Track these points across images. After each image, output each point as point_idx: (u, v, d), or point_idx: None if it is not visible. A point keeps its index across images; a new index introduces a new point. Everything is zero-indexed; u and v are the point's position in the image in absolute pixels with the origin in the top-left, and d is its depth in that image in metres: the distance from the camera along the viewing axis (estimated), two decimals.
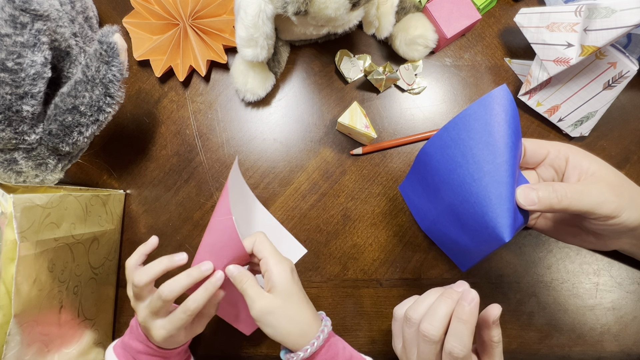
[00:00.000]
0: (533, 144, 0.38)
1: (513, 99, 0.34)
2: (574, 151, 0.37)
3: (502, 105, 0.34)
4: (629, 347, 0.51)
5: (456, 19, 0.51)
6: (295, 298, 0.37)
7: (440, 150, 0.38)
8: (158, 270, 0.38)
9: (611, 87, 0.48)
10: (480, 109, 0.34)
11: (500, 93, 0.34)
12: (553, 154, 0.37)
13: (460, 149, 0.36)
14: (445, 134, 0.37)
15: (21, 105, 0.38)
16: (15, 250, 0.34)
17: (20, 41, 0.36)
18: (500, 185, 0.34)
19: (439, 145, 0.38)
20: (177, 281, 0.37)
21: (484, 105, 0.34)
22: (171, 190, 0.54)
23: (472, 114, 0.35)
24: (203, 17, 0.52)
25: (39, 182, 0.44)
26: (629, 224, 0.34)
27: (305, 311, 0.37)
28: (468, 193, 0.36)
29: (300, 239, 0.53)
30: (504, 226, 0.34)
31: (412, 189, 0.47)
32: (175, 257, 0.39)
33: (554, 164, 0.38)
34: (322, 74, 0.56)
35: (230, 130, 0.55)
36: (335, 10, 0.39)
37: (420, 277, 0.53)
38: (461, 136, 0.36)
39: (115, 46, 0.39)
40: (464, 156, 0.35)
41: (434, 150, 0.39)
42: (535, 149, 0.38)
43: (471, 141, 0.35)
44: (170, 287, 0.37)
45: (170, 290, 0.37)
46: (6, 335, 0.34)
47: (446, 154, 0.37)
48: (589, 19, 0.42)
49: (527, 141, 0.38)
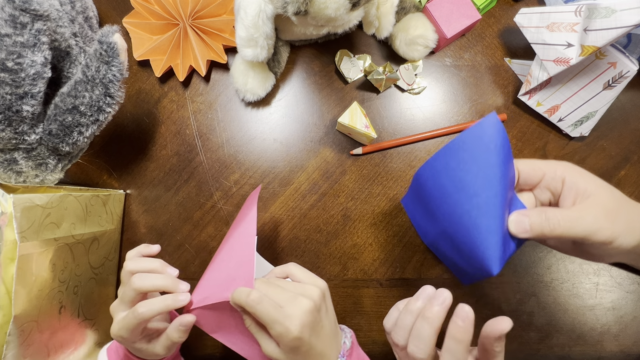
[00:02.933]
0: (528, 167, 0.37)
1: (502, 126, 0.33)
2: (570, 171, 0.35)
3: (490, 135, 0.33)
4: (629, 347, 0.51)
5: (456, 19, 0.51)
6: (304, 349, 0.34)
7: (433, 177, 0.37)
8: (150, 265, 0.38)
9: (611, 87, 0.48)
10: (469, 138, 0.34)
11: (488, 122, 0.33)
12: (549, 175, 0.36)
13: (451, 178, 0.35)
14: (436, 162, 0.37)
15: (21, 105, 0.38)
16: (15, 250, 0.34)
17: (20, 41, 0.36)
18: (490, 219, 0.33)
19: (430, 173, 0.37)
20: (151, 277, 0.36)
21: (473, 135, 0.34)
22: (171, 190, 0.55)
23: (460, 144, 0.35)
24: (203, 17, 0.52)
25: (39, 182, 0.44)
26: (625, 247, 0.33)
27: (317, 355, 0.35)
28: (459, 223, 0.36)
29: (300, 239, 0.53)
30: (492, 259, 0.34)
31: (413, 205, 0.46)
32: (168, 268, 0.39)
33: (550, 186, 0.36)
34: (322, 74, 0.56)
35: (230, 130, 0.55)
36: (335, 10, 0.39)
37: (420, 277, 0.53)
38: (451, 165, 0.35)
39: (115, 46, 0.39)
40: (455, 186, 0.35)
41: (427, 177, 0.38)
42: (530, 172, 0.37)
43: (460, 172, 0.35)
44: (141, 279, 0.36)
45: (140, 281, 0.36)
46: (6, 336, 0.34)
47: (438, 182, 0.37)
48: (589, 19, 0.42)
49: (522, 163, 0.37)
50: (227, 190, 0.54)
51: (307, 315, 0.33)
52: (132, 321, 0.35)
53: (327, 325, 0.36)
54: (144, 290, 0.36)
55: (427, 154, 0.54)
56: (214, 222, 0.54)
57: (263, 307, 0.33)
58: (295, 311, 0.33)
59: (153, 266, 0.38)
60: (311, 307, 0.34)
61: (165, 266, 0.39)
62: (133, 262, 0.38)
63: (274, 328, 0.32)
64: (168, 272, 0.38)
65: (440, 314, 0.32)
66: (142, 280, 0.36)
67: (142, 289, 0.36)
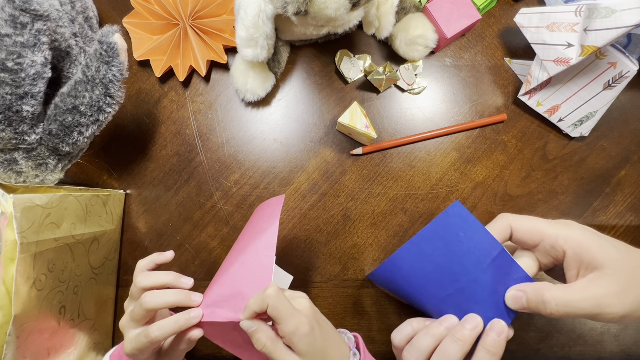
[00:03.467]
0: (524, 228, 0.34)
1: (467, 213, 0.34)
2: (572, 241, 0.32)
3: (457, 224, 0.35)
4: (629, 347, 0.51)
5: (456, 19, 0.51)
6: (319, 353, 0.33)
7: (410, 260, 0.37)
8: (163, 280, 0.37)
9: (611, 87, 0.48)
10: (438, 227, 0.35)
11: (453, 212, 0.35)
12: (547, 242, 0.33)
13: (429, 263, 0.36)
14: (413, 246, 0.36)
15: (21, 105, 0.38)
16: (15, 250, 0.34)
17: (20, 41, 0.36)
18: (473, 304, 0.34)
19: (407, 256, 0.37)
20: (162, 294, 0.35)
21: (441, 224, 0.35)
22: (171, 190, 0.55)
23: (432, 232, 0.35)
24: (203, 17, 0.52)
25: (39, 182, 0.44)
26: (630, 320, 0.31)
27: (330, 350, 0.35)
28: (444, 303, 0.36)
29: (300, 239, 0.53)
30: None
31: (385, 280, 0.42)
32: (182, 279, 0.38)
33: (549, 253, 0.34)
34: (322, 74, 0.56)
35: (230, 130, 0.55)
36: (335, 10, 0.39)
37: None
38: (426, 252, 0.36)
39: (115, 46, 0.39)
40: (434, 270, 0.36)
41: (403, 261, 0.38)
42: (526, 234, 0.34)
43: (437, 258, 0.35)
44: (152, 297, 0.35)
45: (151, 299, 0.35)
46: (6, 336, 0.34)
47: (415, 265, 0.37)
48: (589, 19, 0.42)
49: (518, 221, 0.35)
50: (227, 190, 0.54)
51: (310, 310, 0.34)
52: (145, 343, 0.34)
53: (327, 322, 0.37)
54: (156, 309, 0.35)
55: (427, 154, 0.54)
56: (214, 222, 0.54)
57: (282, 299, 0.32)
58: (300, 306, 0.34)
59: (166, 280, 0.37)
60: (309, 303, 0.35)
61: (179, 277, 0.38)
62: (144, 278, 0.37)
63: (290, 321, 0.32)
64: (182, 283, 0.37)
65: (472, 338, 0.32)
66: (153, 298, 0.35)
67: (154, 308, 0.35)
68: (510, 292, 0.34)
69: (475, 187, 0.54)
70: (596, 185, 0.54)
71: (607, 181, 0.54)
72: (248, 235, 0.41)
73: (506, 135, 0.54)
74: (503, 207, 0.54)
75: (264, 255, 0.36)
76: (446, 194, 0.54)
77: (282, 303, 0.32)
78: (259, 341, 0.32)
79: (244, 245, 0.39)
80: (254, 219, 0.43)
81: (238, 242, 0.42)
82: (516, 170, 0.54)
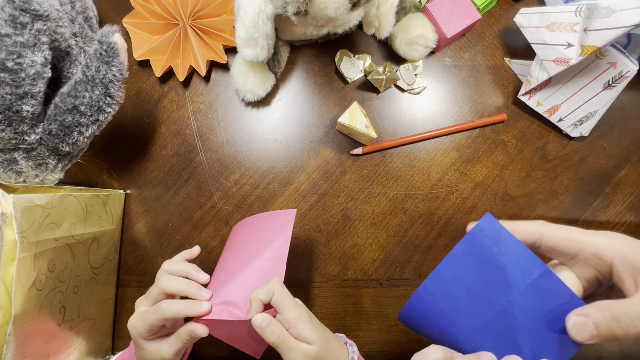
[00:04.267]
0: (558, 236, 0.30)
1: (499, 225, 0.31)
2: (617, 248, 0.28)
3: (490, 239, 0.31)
4: (629, 347, 0.51)
5: (456, 19, 0.51)
6: (325, 339, 0.36)
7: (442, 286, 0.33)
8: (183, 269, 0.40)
9: (611, 87, 0.48)
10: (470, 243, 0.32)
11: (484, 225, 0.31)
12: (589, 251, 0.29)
13: (464, 287, 0.32)
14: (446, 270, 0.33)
15: (21, 105, 0.38)
16: (15, 250, 0.34)
17: (20, 41, 0.36)
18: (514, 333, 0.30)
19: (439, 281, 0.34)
20: (177, 281, 0.38)
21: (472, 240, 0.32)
22: (171, 190, 0.54)
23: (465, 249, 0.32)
24: (203, 17, 0.52)
25: (39, 182, 0.44)
26: None
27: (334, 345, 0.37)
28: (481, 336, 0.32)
29: (300, 239, 0.53)
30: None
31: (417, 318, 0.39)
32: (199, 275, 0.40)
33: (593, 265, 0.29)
34: (322, 74, 0.56)
35: (230, 130, 0.55)
36: (335, 10, 0.39)
37: (420, 277, 0.53)
38: (461, 273, 0.32)
39: (115, 46, 0.39)
40: (468, 295, 0.32)
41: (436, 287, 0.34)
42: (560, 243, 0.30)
43: (473, 279, 0.32)
44: (167, 280, 0.38)
45: (165, 281, 0.38)
46: (6, 336, 0.34)
47: (449, 292, 0.33)
48: (589, 19, 0.42)
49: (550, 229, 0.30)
50: (227, 190, 0.54)
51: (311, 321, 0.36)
52: (152, 315, 0.36)
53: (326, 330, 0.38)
54: (167, 292, 0.38)
55: (427, 153, 0.54)
56: (214, 222, 0.54)
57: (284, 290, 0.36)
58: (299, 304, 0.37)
59: (185, 269, 0.40)
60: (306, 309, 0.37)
61: (197, 271, 0.40)
62: (170, 263, 0.40)
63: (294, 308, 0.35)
64: (197, 277, 0.40)
65: None
66: (168, 281, 0.38)
67: (166, 290, 0.38)
68: (571, 319, 0.28)
69: (475, 187, 0.54)
70: (596, 185, 0.54)
71: (607, 181, 0.54)
72: (256, 241, 0.43)
73: (506, 135, 0.54)
74: (503, 207, 0.54)
75: (276, 266, 0.39)
76: (446, 194, 0.54)
77: (285, 292, 0.36)
78: (274, 333, 0.34)
79: (254, 252, 0.41)
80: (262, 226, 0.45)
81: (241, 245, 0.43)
82: (516, 170, 0.54)
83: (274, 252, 0.40)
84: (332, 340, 0.37)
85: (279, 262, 0.39)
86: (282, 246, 0.40)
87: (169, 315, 0.36)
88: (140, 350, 0.38)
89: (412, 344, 0.53)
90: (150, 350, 0.37)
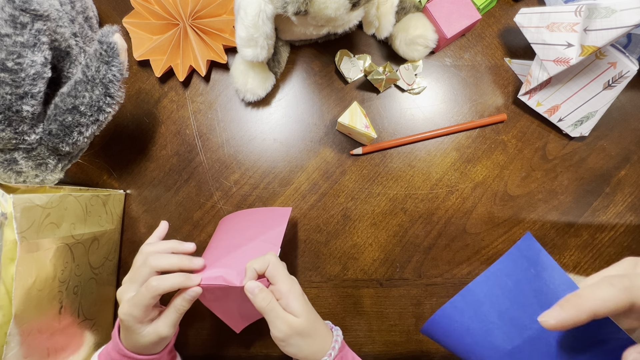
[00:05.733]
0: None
1: (540, 247, 0.30)
2: None
3: (528, 259, 0.30)
4: None
5: (456, 19, 0.51)
6: (312, 315, 0.37)
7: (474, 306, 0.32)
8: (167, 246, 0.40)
9: (611, 87, 0.48)
10: (509, 263, 0.31)
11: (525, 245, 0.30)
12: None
13: (496, 308, 0.31)
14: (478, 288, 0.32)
15: (21, 105, 0.38)
16: (15, 250, 0.34)
17: (20, 41, 0.36)
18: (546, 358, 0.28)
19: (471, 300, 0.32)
20: (167, 256, 0.38)
21: (511, 259, 0.31)
22: (171, 190, 0.54)
23: (502, 268, 0.31)
24: (203, 17, 0.52)
25: (39, 182, 0.44)
26: None
27: (320, 325, 0.38)
28: None
29: (300, 239, 0.53)
30: None
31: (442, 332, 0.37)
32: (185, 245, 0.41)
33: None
34: (322, 74, 0.56)
35: (230, 130, 0.55)
36: (335, 10, 0.39)
37: (420, 277, 0.53)
38: (495, 293, 0.31)
39: (115, 46, 0.39)
40: (500, 317, 0.31)
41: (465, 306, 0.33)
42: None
43: (507, 300, 0.31)
44: (157, 258, 0.38)
45: (155, 260, 0.37)
46: (6, 336, 0.34)
47: (480, 311, 0.32)
48: (589, 19, 0.42)
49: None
50: (227, 190, 0.54)
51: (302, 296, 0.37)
52: (145, 295, 0.36)
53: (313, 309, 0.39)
54: (160, 269, 0.37)
55: (427, 153, 0.54)
56: (214, 222, 0.54)
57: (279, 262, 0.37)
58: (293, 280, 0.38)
59: (169, 245, 0.40)
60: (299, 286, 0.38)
61: (181, 244, 0.41)
62: (151, 245, 0.40)
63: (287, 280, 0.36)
64: (184, 248, 0.41)
65: None
66: (158, 259, 0.38)
67: (158, 267, 0.37)
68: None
69: (475, 187, 0.54)
70: (596, 185, 0.54)
71: (607, 181, 0.54)
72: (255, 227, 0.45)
73: (506, 135, 0.54)
74: (503, 207, 0.54)
75: (271, 245, 0.40)
76: (446, 194, 0.54)
77: (280, 265, 0.37)
78: (265, 299, 0.35)
79: (253, 235, 0.43)
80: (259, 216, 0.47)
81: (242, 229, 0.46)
82: (516, 170, 0.54)
83: (270, 237, 0.41)
84: (319, 321, 0.38)
85: (275, 245, 0.40)
86: (277, 233, 0.41)
87: (162, 290, 0.36)
88: (135, 336, 0.37)
89: (412, 344, 0.53)
90: (145, 333, 0.37)
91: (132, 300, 0.36)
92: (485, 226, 0.53)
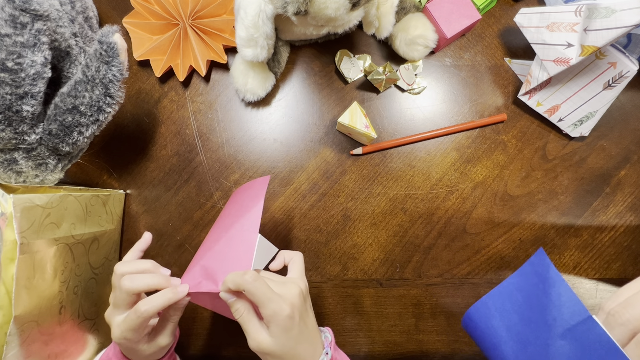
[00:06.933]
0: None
1: (550, 263, 0.31)
2: None
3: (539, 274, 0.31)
4: None
5: (456, 19, 0.51)
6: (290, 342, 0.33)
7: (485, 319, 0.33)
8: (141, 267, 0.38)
9: (611, 87, 0.48)
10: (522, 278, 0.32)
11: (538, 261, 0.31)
12: None
13: (505, 322, 0.32)
14: (491, 301, 0.33)
15: (21, 105, 0.38)
16: (15, 250, 0.34)
17: (20, 41, 0.36)
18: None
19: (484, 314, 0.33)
20: (141, 277, 0.36)
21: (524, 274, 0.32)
22: (171, 190, 0.54)
23: (514, 283, 0.32)
24: (203, 17, 0.52)
25: (39, 182, 0.44)
26: None
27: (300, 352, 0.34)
28: None
29: (300, 239, 0.53)
30: None
31: None
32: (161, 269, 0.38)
33: None
34: (322, 74, 0.56)
35: (230, 130, 0.55)
36: (335, 10, 0.39)
37: (420, 276, 0.53)
38: (506, 307, 0.32)
39: (115, 46, 0.39)
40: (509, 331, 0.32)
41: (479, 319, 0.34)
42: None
43: (515, 315, 0.32)
44: (131, 279, 0.35)
45: (129, 282, 0.35)
46: (6, 336, 0.34)
47: (490, 325, 0.33)
48: (589, 19, 0.42)
49: None
50: (227, 190, 0.54)
51: (297, 298, 0.34)
52: (136, 321, 0.34)
53: (312, 316, 0.37)
54: (136, 291, 0.35)
55: (427, 154, 0.54)
56: (214, 222, 0.54)
57: (259, 285, 0.32)
58: (287, 293, 0.34)
59: (144, 267, 0.37)
60: (299, 291, 0.35)
61: (157, 267, 0.38)
62: (123, 265, 0.37)
63: (268, 306, 0.32)
64: (161, 271, 0.38)
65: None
66: (132, 281, 0.35)
67: (133, 290, 0.35)
68: None
69: (475, 187, 0.54)
70: (596, 185, 0.54)
71: (607, 181, 0.54)
72: (233, 213, 0.42)
73: (506, 135, 0.54)
74: (503, 207, 0.54)
75: (247, 233, 0.38)
76: (446, 194, 0.54)
77: (259, 288, 0.32)
78: (238, 311, 0.34)
79: (229, 223, 0.40)
80: (238, 197, 0.45)
81: (222, 219, 0.43)
82: (516, 170, 0.54)
83: (247, 221, 0.39)
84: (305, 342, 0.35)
85: (252, 229, 0.38)
86: (255, 213, 0.39)
87: (152, 313, 0.34)
88: (139, 353, 0.37)
89: (412, 344, 0.53)
90: (146, 348, 0.37)
91: (123, 326, 0.35)
92: (485, 226, 0.53)
